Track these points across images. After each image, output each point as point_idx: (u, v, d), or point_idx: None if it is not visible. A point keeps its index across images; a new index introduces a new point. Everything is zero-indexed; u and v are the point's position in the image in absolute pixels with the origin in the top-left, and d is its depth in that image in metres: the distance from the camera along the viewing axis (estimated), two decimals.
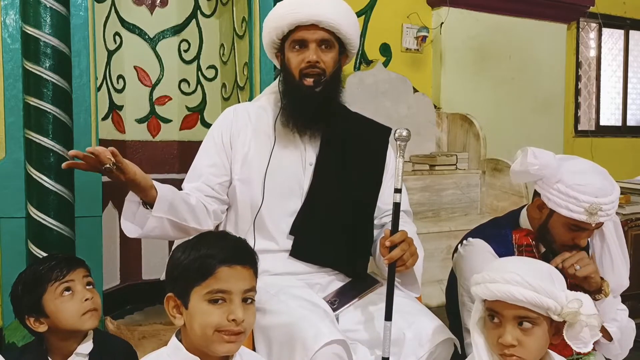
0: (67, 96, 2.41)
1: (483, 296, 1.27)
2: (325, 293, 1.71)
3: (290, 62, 1.70)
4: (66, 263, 1.55)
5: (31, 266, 1.58)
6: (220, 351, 1.17)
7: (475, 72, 4.43)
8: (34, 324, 1.51)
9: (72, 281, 1.52)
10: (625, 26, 5.40)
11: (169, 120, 3.45)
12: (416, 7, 4.19)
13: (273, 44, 1.76)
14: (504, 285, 1.23)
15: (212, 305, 1.15)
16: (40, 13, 2.33)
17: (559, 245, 1.63)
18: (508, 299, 1.23)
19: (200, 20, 3.45)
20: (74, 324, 1.50)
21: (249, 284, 1.18)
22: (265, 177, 1.71)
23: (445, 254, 3.37)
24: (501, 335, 1.25)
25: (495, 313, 1.27)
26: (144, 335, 2.77)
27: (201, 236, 1.26)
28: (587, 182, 1.55)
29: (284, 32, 1.69)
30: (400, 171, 1.55)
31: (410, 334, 1.53)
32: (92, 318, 1.53)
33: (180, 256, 1.19)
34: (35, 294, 1.50)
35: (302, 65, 1.68)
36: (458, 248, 1.81)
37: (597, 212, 1.53)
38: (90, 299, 1.53)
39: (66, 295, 1.51)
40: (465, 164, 3.89)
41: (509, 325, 1.25)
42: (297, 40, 1.68)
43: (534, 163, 1.58)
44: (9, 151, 2.43)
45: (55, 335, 1.53)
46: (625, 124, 5.54)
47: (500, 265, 1.30)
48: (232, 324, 1.14)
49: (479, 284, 1.29)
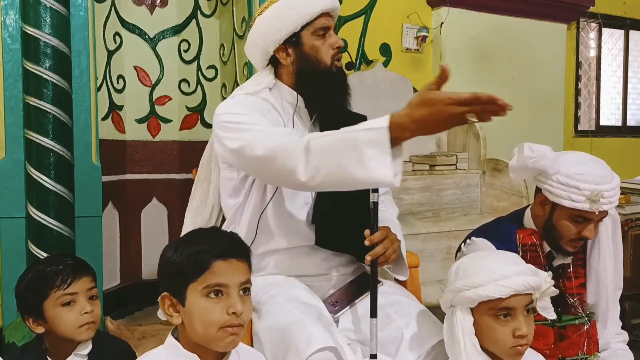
0: (67, 96, 2.41)
1: (498, 295, 1.28)
2: (327, 294, 1.71)
3: (319, 50, 1.68)
4: (72, 270, 1.53)
5: (37, 265, 1.57)
6: (222, 346, 1.17)
7: (475, 72, 4.43)
8: (33, 325, 1.51)
9: (75, 294, 1.51)
10: (625, 26, 5.40)
11: (169, 120, 3.45)
12: (416, 7, 4.18)
13: (287, 34, 1.67)
14: (518, 278, 1.28)
15: (211, 300, 1.15)
16: (40, 13, 2.33)
17: (566, 241, 1.63)
18: (525, 289, 1.28)
19: (200, 20, 3.45)
20: (70, 334, 1.50)
21: (244, 277, 1.19)
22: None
23: (445, 254, 3.36)
24: (517, 327, 1.29)
25: (507, 309, 1.29)
26: (144, 335, 2.77)
27: (192, 233, 1.26)
28: (586, 171, 1.56)
29: (310, 19, 1.66)
30: None
31: (409, 333, 1.53)
32: (89, 331, 1.52)
33: (172, 255, 1.19)
34: (37, 296, 1.50)
35: (333, 52, 1.69)
36: (461, 247, 1.81)
37: (599, 200, 1.53)
38: (89, 312, 1.52)
39: (67, 306, 1.50)
40: (465, 164, 3.89)
41: (521, 316, 1.29)
42: (322, 28, 1.68)
43: (530, 156, 1.58)
44: (9, 151, 2.43)
45: (53, 337, 1.53)
46: (625, 124, 5.54)
47: (489, 264, 1.33)
48: (233, 317, 1.15)
49: (478, 287, 1.30)
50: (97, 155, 2.62)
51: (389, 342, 1.55)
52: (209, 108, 3.49)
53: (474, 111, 1.18)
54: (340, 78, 1.73)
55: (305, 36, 1.68)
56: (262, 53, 1.73)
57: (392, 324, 1.57)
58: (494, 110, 1.17)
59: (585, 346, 1.69)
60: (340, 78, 1.73)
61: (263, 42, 1.70)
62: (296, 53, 1.70)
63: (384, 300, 1.64)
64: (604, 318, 1.76)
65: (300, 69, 1.70)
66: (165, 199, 3.45)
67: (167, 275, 1.19)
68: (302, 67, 1.69)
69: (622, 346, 1.78)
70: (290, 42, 1.68)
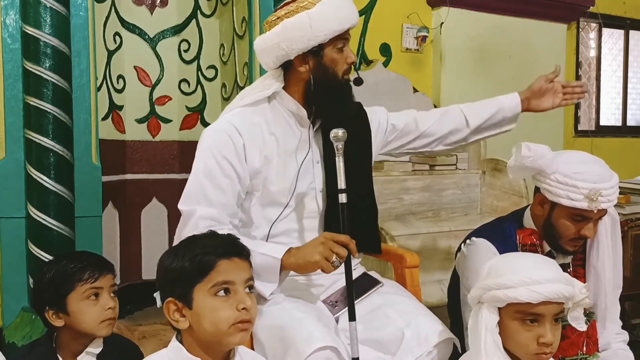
0: (67, 96, 2.41)
1: (528, 299, 1.24)
2: (327, 294, 1.71)
3: (337, 63, 1.70)
4: (98, 265, 1.58)
5: (60, 261, 1.59)
6: (234, 342, 1.19)
7: (475, 72, 4.42)
8: (52, 317, 1.53)
9: (100, 288, 1.55)
10: (625, 26, 5.39)
11: (169, 120, 3.45)
12: (416, 7, 4.18)
13: (314, 44, 1.67)
14: (551, 285, 1.24)
15: (219, 298, 1.16)
16: (40, 13, 2.33)
17: (565, 240, 1.63)
18: (557, 298, 1.24)
19: (200, 20, 3.45)
20: (91, 328, 1.53)
21: (248, 274, 1.21)
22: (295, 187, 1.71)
23: (446, 254, 3.36)
24: (542, 335, 1.25)
25: (535, 315, 1.26)
26: (144, 335, 2.77)
27: (189, 239, 1.27)
28: (584, 169, 1.56)
29: (336, 36, 1.68)
30: (342, 170, 1.58)
31: (409, 333, 1.54)
32: (109, 327, 1.56)
33: (172, 261, 1.20)
34: (62, 289, 1.52)
35: (346, 67, 1.72)
36: (461, 247, 1.81)
37: (597, 198, 1.54)
38: (112, 308, 1.56)
39: (92, 300, 1.53)
40: (465, 164, 3.88)
41: (548, 324, 1.26)
42: (343, 40, 1.70)
43: (528, 155, 1.58)
44: (9, 151, 2.43)
45: (69, 333, 1.55)
46: (625, 124, 5.53)
47: (521, 266, 1.30)
48: (243, 313, 1.16)
49: (509, 288, 1.26)
50: (97, 155, 2.62)
51: (389, 342, 1.55)
52: (209, 108, 3.49)
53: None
54: (348, 92, 1.75)
55: (327, 48, 1.69)
56: (280, 56, 1.69)
57: (392, 324, 1.58)
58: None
59: (585, 346, 1.69)
60: (348, 92, 1.75)
61: (288, 47, 1.66)
62: (315, 63, 1.69)
63: (384, 301, 1.65)
64: (604, 318, 1.76)
65: (316, 79, 1.69)
66: (165, 199, 3.45)
67: (169, 281, 1.20)
68: (318, 78, 1.69)
69: (622, 346, 1.78)
70: (312, 52, 1.68)
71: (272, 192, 1.68)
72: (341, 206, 1.57)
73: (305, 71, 1.70)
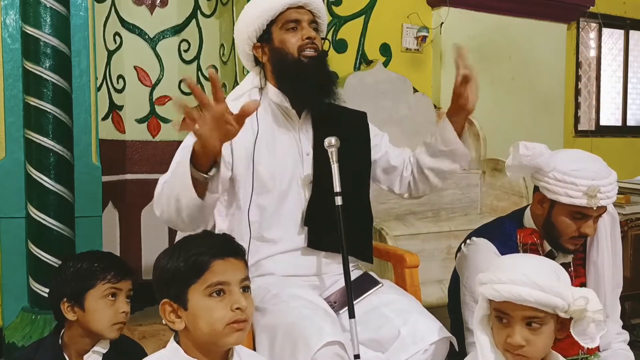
0: (67, 96, 2.41)
1: (490, 297, 1.26)
2: (325, 294, 1.71)
3: (286, 42, 1.69)
4: (121, 269, 1.61)
5: (86, 257, 1.61)
6: (230, 343, 1.18)
7: (475, 72, 4.43)
8: (67, 310, 1.54)
9: (120, 290, 1.58)
10: (625, 26, 5.39)
11: (169, 120, 3.45)
12: (416, 7, 4.18)
13: (256, 32, 1.71)
14: (511, 287, 1.22)
15: (214, 299, 1.16)
16: (40, 13, 2.34)
17: (566, 238, 1.63)
18: (516, 300, 1.22)
19: (200, 20, 3.45)
20: (102, 329, 1.55)
21: (243, 274, 1.20)
22: (274, 175, 1.70)
23: (446, 254, 3.36)
24: (510, 335, 1.25)
25: (503, 314, 1.26)
26: (144, 335, 2.77)
27: (184, 239, 1.26)
28: (582, 166, 1.56)
29: (275, 15, 1.68)
30: (337, 176, 1.59)
31: (405, 331, 1.54)
32: (119, 331, 1.58)
33: (168, 262, 1.20)
34: (84, 284, 1.54)
35: (300, 43, 1.69)
36: (461, 247, 1.81)
37: (596, 195, 1.54)
38: (126, 312, 1.58)
39: (109, 300, 1.56)
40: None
41: (517, 326, 1.24)
42: (292, 20, 1.69)
43: (526, 154, 1.58)
44: (9, 151, 2.44)
45: (77, 330, 1.56)
46: (625, 124, 5.53)
47: (506, 265, 1.30)
48: (238, 313, 1.16)
49: (485, 284, 1.28)
50: (97, 155, 2.62)
51: (386, 340, 1.56)
52: None
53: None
54: (313, 69, 1.70)
55: (275, 31, 1.70)
56: (242, 53, 1.78)
57: (389, 323, 1.58)
58: None
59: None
60: (313, 69, 1.70)
61: (240, 42, 1.75)
62: (269, 49, 1.72)
63: (380, 300, 1.65)
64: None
65: (274, 65, 1.72)
66: None
67: (165, 282, 1.20)
68: (275, 62, 1.71)
69: (623, 346, 1.77)
70: (263, 40, 1.71)
71: (260, 179, 1.68)
72: (337, 209, 1.58)
73: (266, 61, 1.73)
